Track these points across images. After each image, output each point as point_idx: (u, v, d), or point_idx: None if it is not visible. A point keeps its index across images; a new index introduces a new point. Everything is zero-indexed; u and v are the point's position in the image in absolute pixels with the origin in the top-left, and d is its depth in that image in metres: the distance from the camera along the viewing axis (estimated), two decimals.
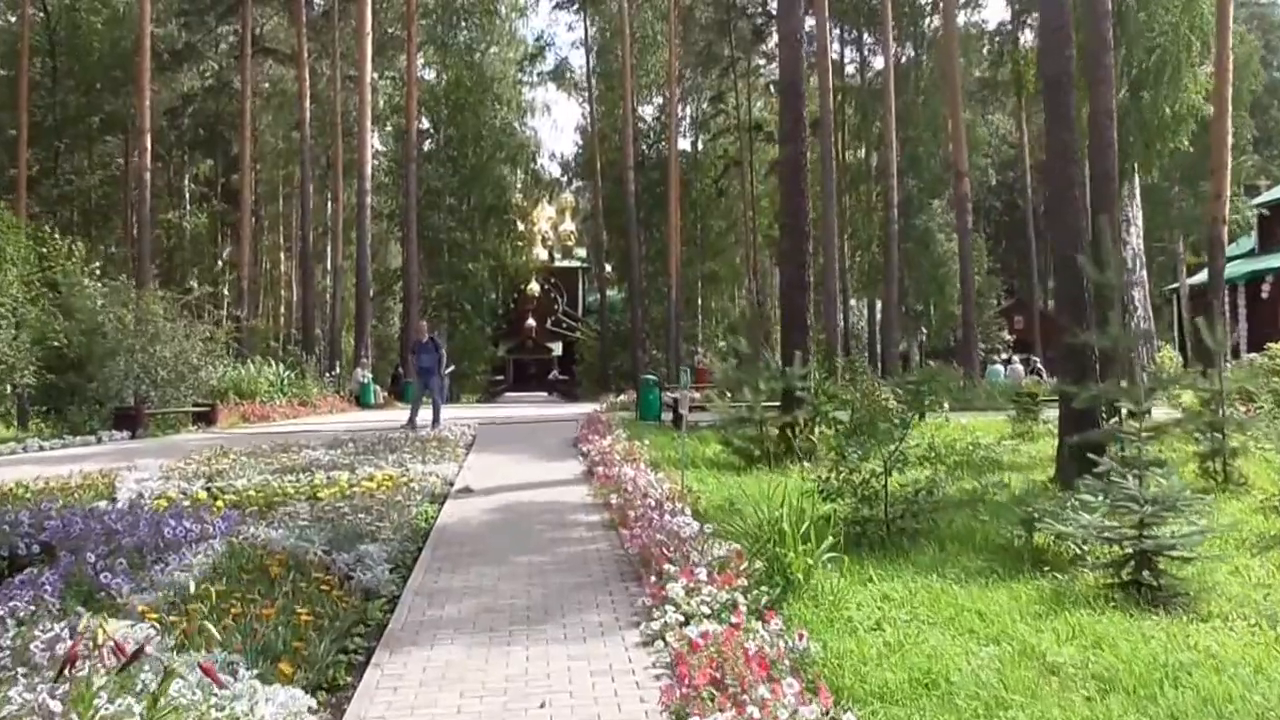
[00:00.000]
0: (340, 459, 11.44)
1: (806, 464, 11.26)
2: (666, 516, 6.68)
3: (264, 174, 50.43)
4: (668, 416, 15.45)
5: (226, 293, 39.80)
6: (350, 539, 6.81)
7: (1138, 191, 23.99)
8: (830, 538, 6.07)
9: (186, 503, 8.77)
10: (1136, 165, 21.81)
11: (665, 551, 6.01)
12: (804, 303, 11.81)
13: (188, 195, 42.95)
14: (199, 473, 10.61)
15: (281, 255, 52.00)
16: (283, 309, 52.62)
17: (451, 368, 17.09)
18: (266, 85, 46.09)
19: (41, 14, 35.36)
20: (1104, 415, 9.46)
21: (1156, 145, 21.28)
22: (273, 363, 22.68)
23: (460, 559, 6.67)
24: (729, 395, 16.84)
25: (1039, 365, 28.54)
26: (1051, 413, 15.01)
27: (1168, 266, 42.62)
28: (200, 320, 19.34)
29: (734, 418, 11.49)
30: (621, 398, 22.62)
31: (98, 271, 18.72)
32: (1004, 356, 30.86)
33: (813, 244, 13.58)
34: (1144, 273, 25.72)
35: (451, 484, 10.08)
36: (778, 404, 11.77)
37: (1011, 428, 14.32)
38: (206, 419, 18.27)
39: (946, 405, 14.39)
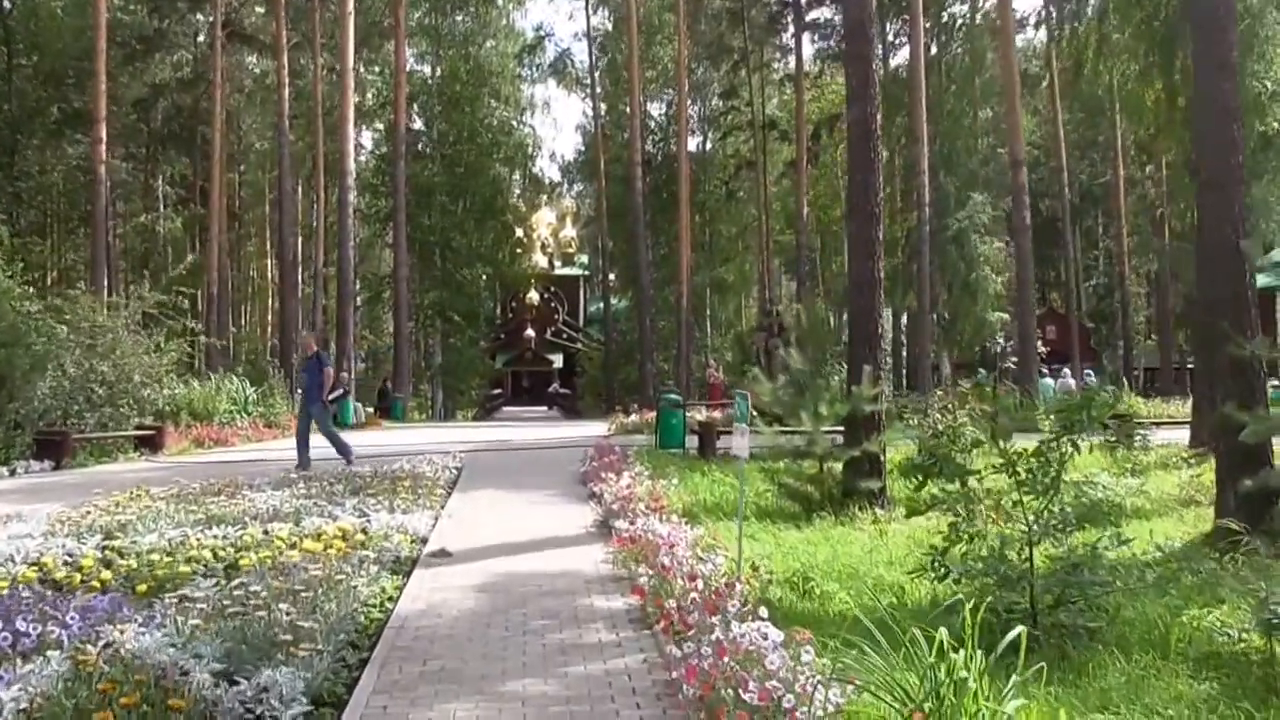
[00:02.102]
0: (286, 504, 8.93)
1: (879, 510, 8.79)
2: (731, 623, 4.22)
3: (248, 175, 48.00)
4: (692, 442, 12.98)
5: (200, 301, 37.25)
6: (260, 650, 4.35)
7: None
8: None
9: (62, 573, 6.41)
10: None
11: (742, 694, 3.55)
12: (874, 304, 9.33)
13: (162, 196, 40.33)
14: (98, 525, 8.05)
15: (268, 262, 49.55)
16: (269, 318, 50.17)
17: (339, 392, 13.63)
18: (250, 82, 43.70)
19: None
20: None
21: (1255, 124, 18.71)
22: (235, 378, 20.09)
23: (419, 688, 4.13)
24: (775, 421, 14.42)
25: (1092, 378, 26.06)
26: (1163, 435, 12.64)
27: None
28: (151, 330, 16.78)
29: (788, 450, 9.03)
30: (632, 418, 20.04)
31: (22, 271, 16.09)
32: (1051, 367, 28.35)
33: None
34: None
35: (424, 541, 7.59)
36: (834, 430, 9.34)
37: (1109, 457, 11.84)
38: (151, 444, 15.73)
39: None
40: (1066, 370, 25.84)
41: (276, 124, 32.10)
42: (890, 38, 36.61)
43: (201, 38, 39.01)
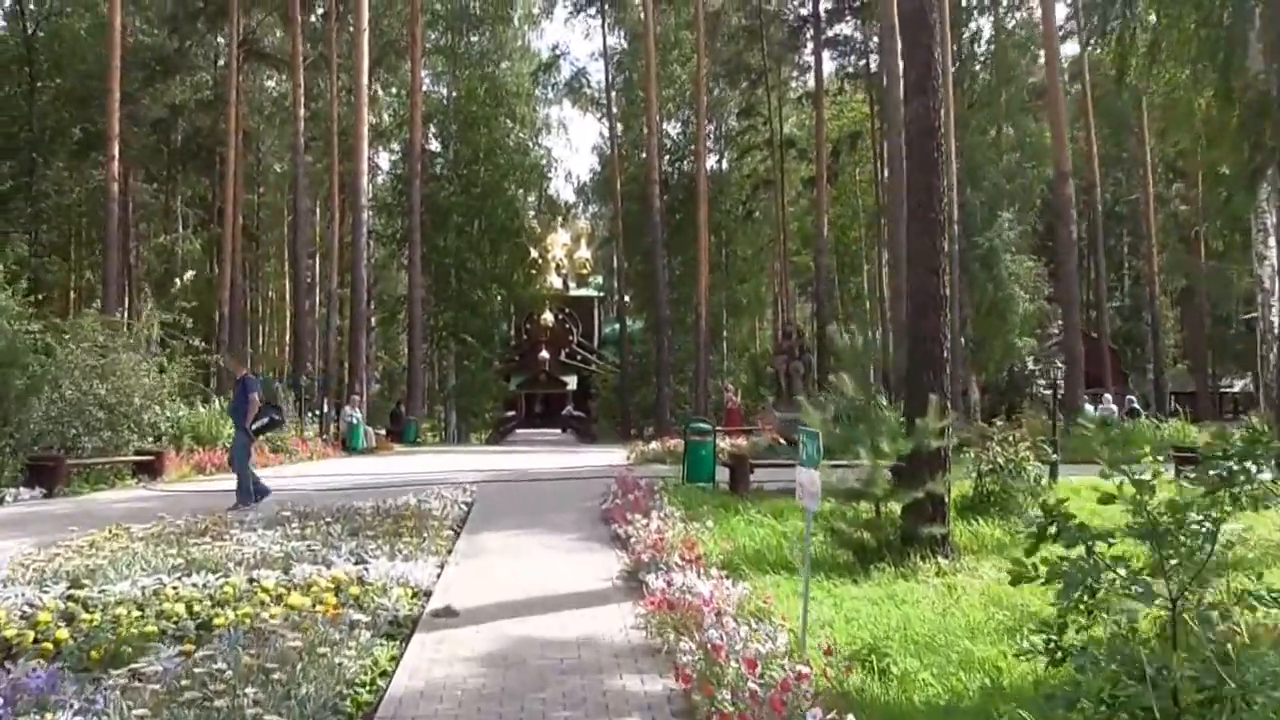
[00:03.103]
0: (276, 545, 8.07)
1: (943, 559, 7.82)
2: None
3: (267, 197, 47.73)
4: (723, 475, 12.05)
5: (219, 321, 36.69)
6: None
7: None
8: None
9: (13, 630, 5.62)
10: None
11: None
12: (938, 324, 8.38)
13: (180, 217, 39.92)
14: (64, 571, 7.24)
15: (286, 283, 49.06)
16: (287, 340, 49.65)
17: (265, 420, 12.05)
18: (269, 105, 43.43)
19: (19, 21, 32.73)
20: None
21: None
22: None
23: None
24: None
25: (1135, 403, 24.93)
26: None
27: None
28: (154, 350, 16.00)
29: (840, 490, 8.06)
30: (653, 445, 19.10)
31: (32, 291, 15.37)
32: (1090, 392, 27.21)
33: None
34: None
35: (428, 595, 6.70)
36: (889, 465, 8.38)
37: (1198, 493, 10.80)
38: (150, 470, 14.94)
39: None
40: (1107, 396, 24.73)
41: (292, 143, 31.53)
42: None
43: (221, 61, 38.82)
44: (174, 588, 6.66)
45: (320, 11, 33.79)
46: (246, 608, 6.05)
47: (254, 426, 11.60)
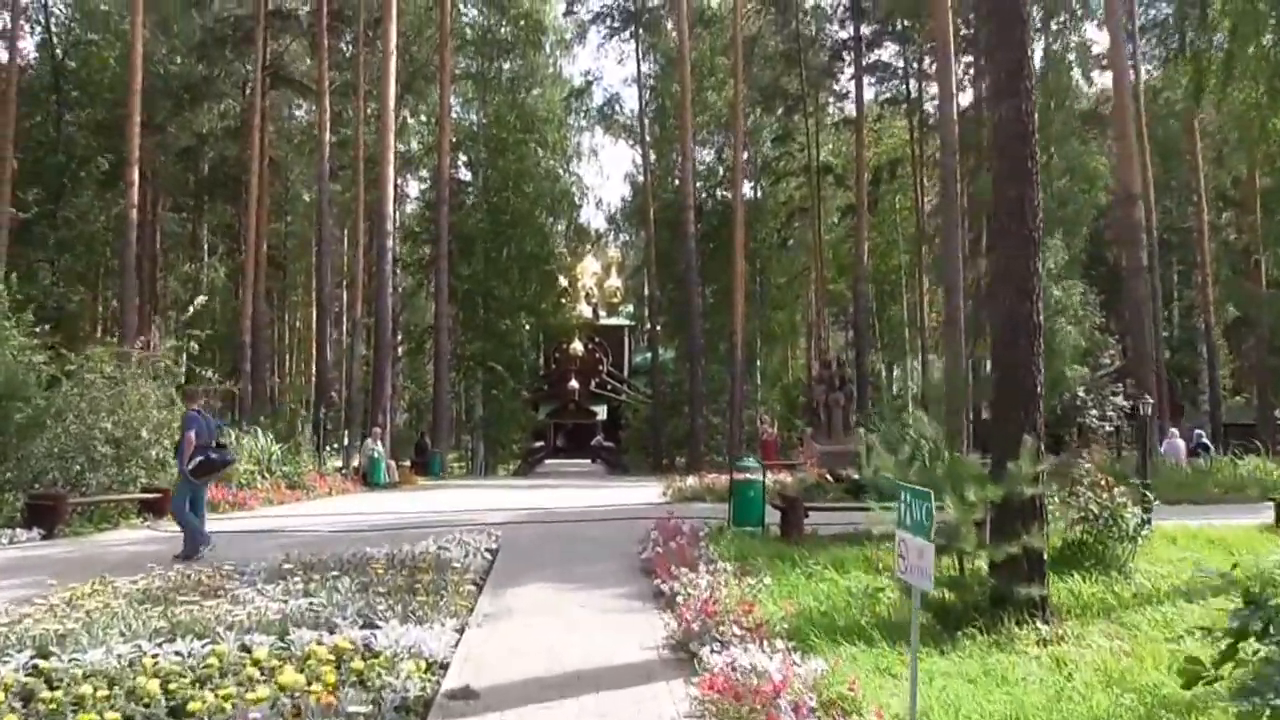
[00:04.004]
0: (274, 605, 7.11)
1: (1042, 626, 6.71)
2: None
3: (294, 225, 47.45)
4: (772, 516, 10.97)
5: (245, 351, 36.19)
6: None
7: None
8: None
9: None
10: None
11: None
12: (1031, 355, 7.33)
13: (206, 245, 39.60)
14: (31, 636, 6.31)
15: (313, 312, 48.71)
16: (313, 369, 49.22)
17: (198, 460, 10.36)
18: (299, 133, 43.23)
19: (47, 46, 32.68)
20: None
21: None
22: (260, 433, 18.43)
23: None
24: (859, 488, 12.32)
25: (1204, 437, 23.51)
26: None
27: None
28: (167, 381, 15.18)
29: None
30: (690, 481, 18.01)
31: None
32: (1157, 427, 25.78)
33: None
34: None
35: (444, 669, 5.70)
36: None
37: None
38: (157, 509, 14.08)
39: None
40: (1174, 431, 23.35)
41: (317, 168, 31.05)
42: (959, 75, 34.88)
43: (250, 88, 38.66)
44: (154, 656, 5.76)
45: (348, 37, 33.39)
46: (229, 687, 5.10)
47: (189, 467, 10.33)
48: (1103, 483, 8.96)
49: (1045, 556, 7.33)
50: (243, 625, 6.54)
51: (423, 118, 42.78)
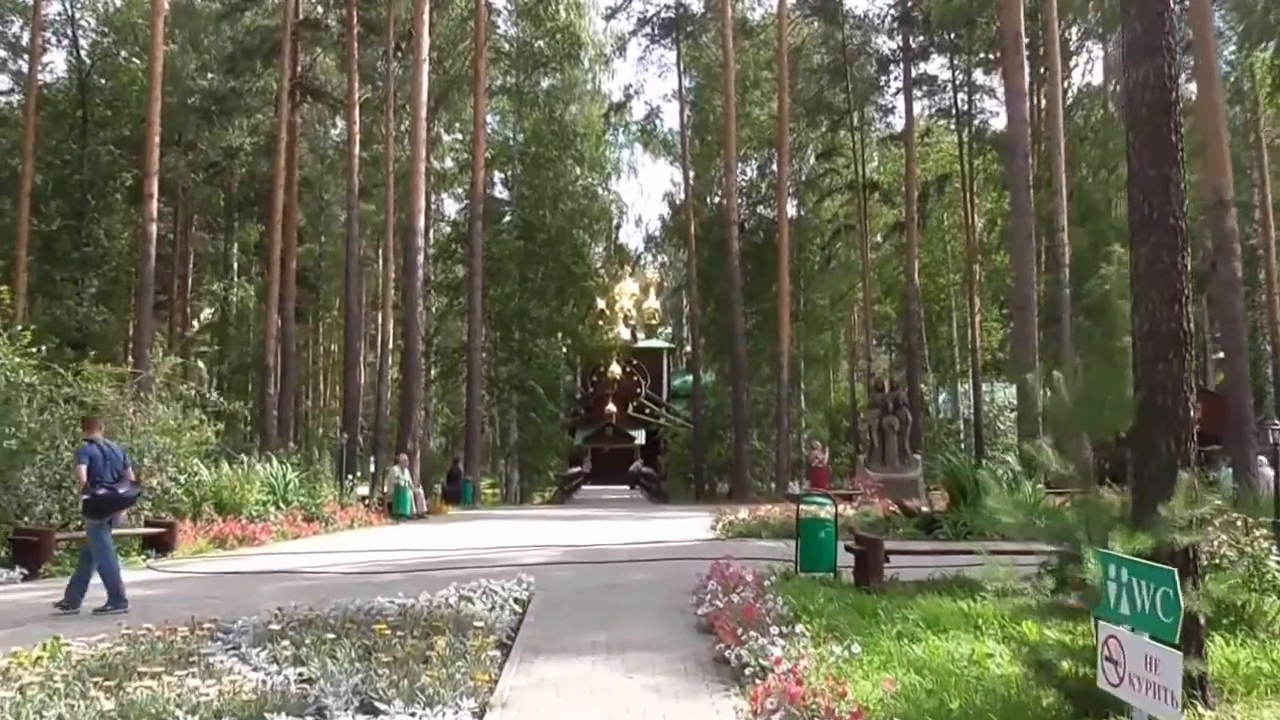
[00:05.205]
0: (254, 677, 5.76)
1: (1204, 709, 5.19)
2: None
3: (328, 246, 46.80)
4: (844, 560, 9.46)
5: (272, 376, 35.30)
6: None
7: None
8: None
9: None
10: None
11: None
12: (1181, 374, 5.89)
13: (235, 264, 38.90)
14: None
15: (343, 334, 47.96)
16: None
17: (89, 497, 8.84)
18: (332, 153, 42.61)
19: (74, 65, 32.26)
20: None
21: None
22: (275, 461, 17.17)
23: None
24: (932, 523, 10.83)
25: None
26: None
27: None
28: (169, 404, 14.04)
29: (1043, 606, 5.52)
30: (743, 515, 16.47)
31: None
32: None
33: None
34: None
35: None
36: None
37: None
38: (160, 544, 12.88)
39: None
40: (1263, 459, 21.48)
41: (347, 183, 30.14)
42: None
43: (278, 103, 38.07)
44: None
45: (380, 51, 32.59)
46: None
47: (85, 496, 8.88)
48: (1239, 523, 7.38)
49: (1204, 623, 5.81)
50: (209, 707, 5.20)
51: (457, 135, 41.93)
